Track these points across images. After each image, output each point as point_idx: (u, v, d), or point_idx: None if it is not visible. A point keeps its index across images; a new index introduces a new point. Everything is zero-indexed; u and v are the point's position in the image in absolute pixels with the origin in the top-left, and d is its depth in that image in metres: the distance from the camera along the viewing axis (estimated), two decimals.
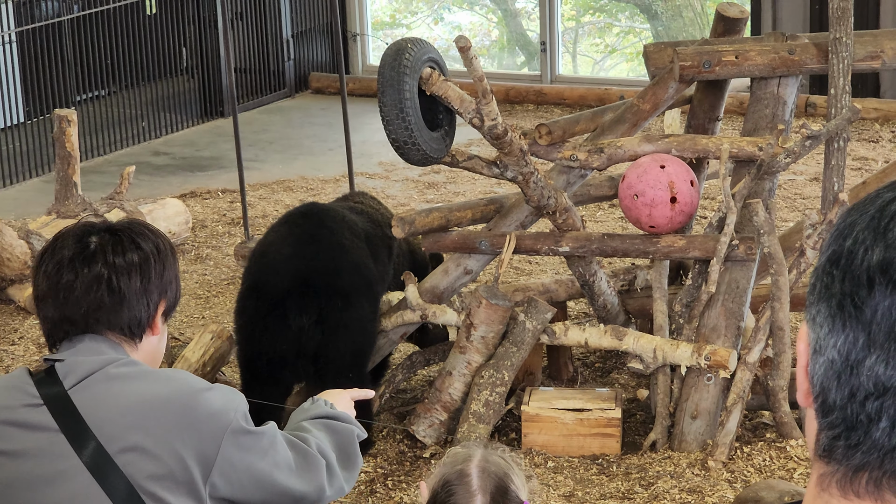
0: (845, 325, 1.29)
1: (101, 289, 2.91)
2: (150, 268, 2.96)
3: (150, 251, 2.97)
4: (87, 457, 2.78)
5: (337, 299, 6.10)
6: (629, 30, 15.25)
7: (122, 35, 12.18)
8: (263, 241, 6.36)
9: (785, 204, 9.69)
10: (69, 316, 2.92)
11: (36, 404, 2.83)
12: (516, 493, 3.34)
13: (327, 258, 6.15)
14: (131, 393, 2.83)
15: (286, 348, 6.05)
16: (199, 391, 2.88)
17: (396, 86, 5.76)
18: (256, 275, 6.19)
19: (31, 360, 7.51)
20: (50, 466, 2.80)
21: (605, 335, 6.19)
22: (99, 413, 2.81)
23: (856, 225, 1.31)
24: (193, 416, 2.83)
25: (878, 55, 6.37)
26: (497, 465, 3.38)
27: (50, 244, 3.00)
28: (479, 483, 3.31)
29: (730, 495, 5.65)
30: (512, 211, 6.67)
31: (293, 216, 6.43)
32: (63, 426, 2.80)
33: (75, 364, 2.87)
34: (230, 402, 2.89)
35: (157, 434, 2.79)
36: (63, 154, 8.48)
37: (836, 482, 1.32)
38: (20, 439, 2.82)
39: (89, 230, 2.99)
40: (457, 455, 3.41)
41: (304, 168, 11.26)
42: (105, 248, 2.94)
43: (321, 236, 6.22)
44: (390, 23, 15.12)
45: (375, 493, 5.92)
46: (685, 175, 6.18)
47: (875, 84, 12.02)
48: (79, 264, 2.92)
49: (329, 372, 6.14)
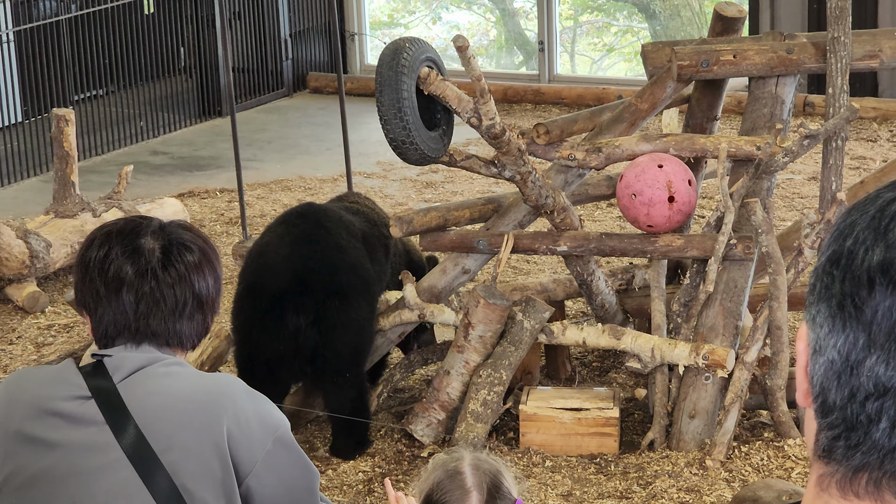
0: (845, 325, 1.29)
1: (150, 299, 2.89)
2: (205, 280, 2.95)
3: (194, 263, 2.94)
4: (131, 451, 2.77)
5: (334, 299, 6.09)
6: (627, 29, 15.24)
7: (119, 34, 12.18)
8: (260, 242, 6.34)
9: (783, 203, 9.69)
10: (123, 322, 2.90)
11: (84, 396, 2.83)
12: (509, 489, 3.35)
13: (324, 258, 6.14)
14: (178, 391, 2.83)
15: (283, 348, 6.05)
16: (249, 394, 2.90)
17: (394, 85, 5.76)
18: (254, 275, 6.18)
19: (30, 359, 7.51)
20: (94, 459, 2.79)
21: (603, 334, 6.19)
22: (145, 409, 2.80)
23: (856, 225, 1.31)
24: (244, 419, 2.83)
25: (877, 54, 6.37)
26: (488, 463, 3.39)
27: (98, 243, 2.93)
28: (473, 480, 3.32)
29: (728, 494, 5.65)
30: (510, 210, 6.67)
31: (290, 216, 6.42)
32: (110, 420, 2.79)
33: (123, 359, 2.86)
34: (279, 414, 2.92)
35: (202, 434, 2.79)
36: (61, 153, 8.48)
37: (836, 482, 1.32)
38: (66, 430, 2.81)
39: (139, 232, 2.94)
40: (444, 459, 3.42)
41: (302, 167, 11.25)
42: (154, 257, 2.91)
43: (318, 236, 6.21)
44: (388, 22, 15.12)
45: (373, 493, 5.93)
46: (683, 174, 6.18)
47: (873, 83, 12.02)
48: (132, 273, 2.89)
49: (327, 371, 6.14)
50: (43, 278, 8.53)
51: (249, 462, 2.82)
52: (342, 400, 6.20)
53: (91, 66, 11.96)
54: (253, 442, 2.83)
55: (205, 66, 12.85)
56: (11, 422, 2.85)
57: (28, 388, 2.89)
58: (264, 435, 2.85)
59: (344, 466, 6.14)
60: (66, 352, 7.10)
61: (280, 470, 2.88)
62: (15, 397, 2.89)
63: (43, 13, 11.94)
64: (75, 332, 7.91)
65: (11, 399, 2.89)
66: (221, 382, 2.91)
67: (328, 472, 6.10)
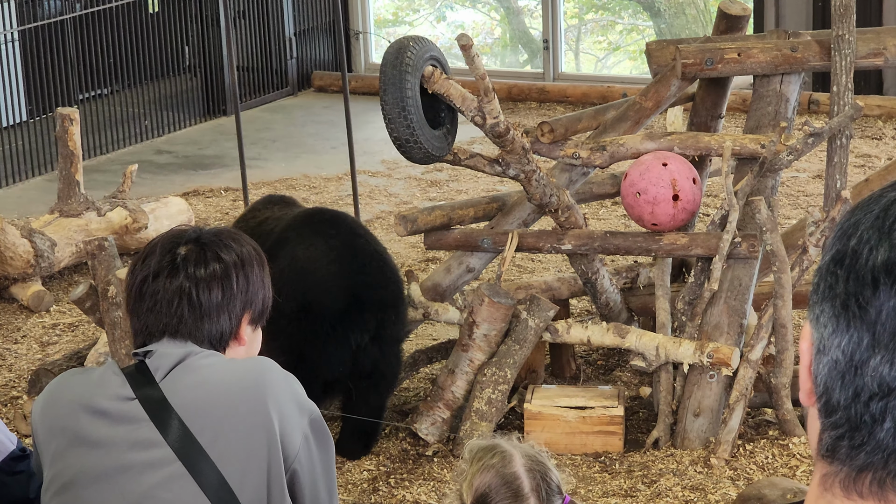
0: (850, 325, 1.28)
1: (182, 302, 2.92)
2: (231, 281, 2.95)
3: (233, 262, 2.96)
4: (177, 447, 2.79)
5: (390, 313, 6.04)
6: (632, 27, 15.24)
7: (124, 33, 12.18)
8: (297, 256, 6.01)
9: (788, 201, 9.68)
10: (152, 327, 2.93)
11: (128, 397, 2.85)
12: (559, 485, 3.34)
13: (374, 271, 6.03)
14: (219, 381, 2.84)
15: (343, 368, 5.97)
16: (285, 376, 2.89)
17: (398, 84, 5.76)
18: (307, 294, 5.91)
19: (35, 358, 7.51)
20: (140, 455, 2.80)
21: (607, 333, 6.19)
22: (188, 404, 2.81)
23: (860, 224, 1.31)
24: (284, 401, 2.83)
25: (881, 52, 6.36)
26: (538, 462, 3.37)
27: (143, 252, 3.01)
28: (531, 484, 3.30)
29: (732, 493, 5.65)
30: (514, 209, 6.67)
31: (319, 225, 6.17)
32: (154, 418, 2.81)
33: (162, 357, 2.88)
34: (305, 395, 2.92)
35: (250, 420, 2.80)
36: (66, 153, 8.48)
37: (840, 482, 1.31)
38: (110, 428, 2.83)
39: (178, 240, 2.99)
40: (492, 455, 3.38)
41: (307, 166, 11.25)
42: (188, 261, 2.95)
43: (359, 246, 6.08)
44: (393, 21, 15.11)
45: (378, 492, 5.92)
46: (687, 173, 6.18)
47: (878, 81, 12.01)
48: (164, 276, 2.93)
49: (381, 387, 6.15)
50: (48, 277, 8.53)
51: (293, 446, 2.83)
52: (375, 408, 6.18)
53: (95, 65, 11.96)
54: (293, 425, 2.84)
55: (209, 65, 12.86)
56: (56, 421, 2.89)
57: (71, 388, 2.93)
58: (301, 417, 2.86)
59: (348, 465, 6.14)
60: (71, 351, 7.10)
61: (315, 454, 2.88)
62: (58, 398, 2.93)
63: (47, 12, 11.94)
64: (80, 331, 7.91)
65: (55, 400, 2.93)
66: (259, 367, 2.90)
67: None
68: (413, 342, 7.33)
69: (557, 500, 3.32)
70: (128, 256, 8.72)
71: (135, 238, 8.79)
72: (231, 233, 3.07)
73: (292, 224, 6.22)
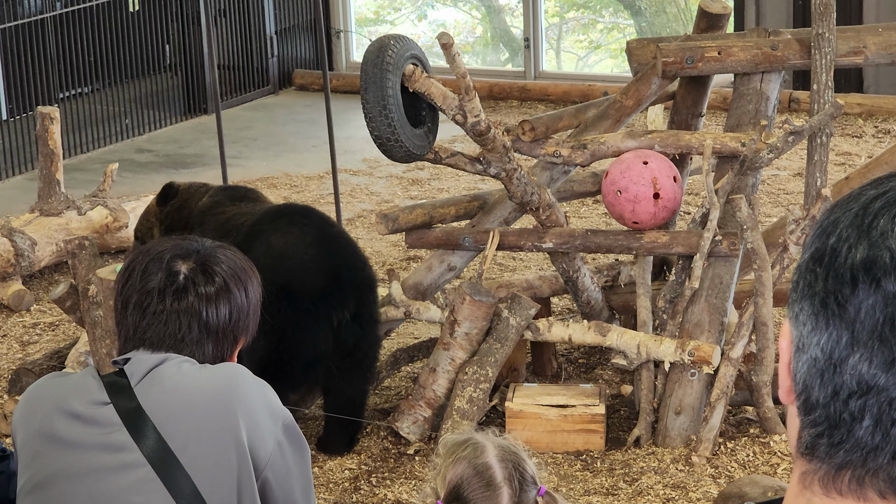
0: (829, 323, 1.28)
1: (185, 324, 2.92)
2: (236, 300, 2.96)
3: (239, 297, 2.97)
4: (150, 453, 2.79)
5: (368, 292, 6.14)
6: (613, 26, 15.25)
7: (104, 32, 12.15)
8: (273, 244, 6.06)
9: (768, 199, 9.70)
10: (139, 334, 2.94)
11: (102, 402, 2.86)
12: (533, 476, 3.31)
13: (349, 253, 6.16)
14: (191, 387, 2.84)
15: (325, 346, 6.01)
16: (256, 382, 2.89)
17: (379, 83, 5.76)
18: (285, 276, 5.92)
19: (15, 358, 7.49)
20: (112, 458, 2.81)
21: (588, 331, 6.19)
22: (161, 409, 2.82)
23: (839, 222, 1.31)
24: (255, 409, 2.83)
25: (861, 51, 6.38)
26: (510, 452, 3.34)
27: (135, 264, 2.99)
28: (503, 474, 3.27)
29: (714, 491, 5.66)
30: (495, 207, 6.67)
31: (292, 216, 6.24)
32: (127, 423, 2.82)
33: (139, 362, 2.89)
34: (280, 402, 2.93)
35: (220, 427, 2.80)
36: (46, 151, 8.46)
37: (819, 480, 1.31)
38: (83, 431, 2.85)
39: (177, 254, 2.98)
40: (466, 452, 3.35)
41: (288, 165, 11.24)
42: (196, 282, 2.94)
43: (332, 233, 6.22)
44: (374, 19, 15.10)
45: (359, 490, 5.92)
46: (668, 171, 6.19)
47: (858, 79, 12.04)
48: (170, 296, 2.92)
49: (364, 365, 6.20)
50: (28, 276, 8.51)
51: (265, 453, 2.83)
52: (356, 393, 6.23)
53: (76, 63, 11.93)
54: (265, 432, 2.84)
55: (190, 63, 12.83)
56: (34, 423, 2.91)
57: (50, 391, 2.95)
58: (274, 424, 2.86)
59: (330, 464, 6.14)
60: (51, 350, 7.08)
61: (290, 459, 2.88)
62: (36, 400, 2.95)
63: (28, 11, 11.91)
64: (60, 330, 7.89)
65: (34, 402, 2.95)
66: (230, 374, 2.90)
67: (314, 469, 6.09)
68: (394, 341, 7.33)
69: (532, 490, 3.28)
70: (108, 255, 8.71)
71: (115, 237, 8.78)
72: (228, 251, 3.06)
73: (263, 218, 6.27)
